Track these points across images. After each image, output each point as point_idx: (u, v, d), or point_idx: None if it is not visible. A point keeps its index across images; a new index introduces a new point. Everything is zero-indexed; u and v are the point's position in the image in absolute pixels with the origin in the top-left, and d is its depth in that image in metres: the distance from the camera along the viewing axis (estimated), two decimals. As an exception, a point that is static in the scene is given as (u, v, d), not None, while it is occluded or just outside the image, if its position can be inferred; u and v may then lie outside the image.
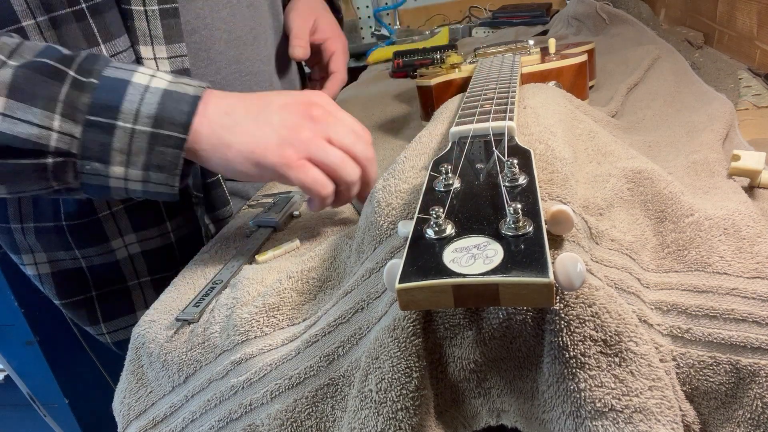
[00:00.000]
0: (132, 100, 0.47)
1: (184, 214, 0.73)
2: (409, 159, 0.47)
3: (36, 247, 0.70)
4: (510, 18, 1.43)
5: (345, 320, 0.42)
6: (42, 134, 0.46)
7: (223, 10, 0.70)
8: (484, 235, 0.30)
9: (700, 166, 0.51)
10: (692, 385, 0.37)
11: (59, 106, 0.46)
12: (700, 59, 0.91)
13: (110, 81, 0.48)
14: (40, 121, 0.46)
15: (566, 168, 0.40)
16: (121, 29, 0.60)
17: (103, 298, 0.73)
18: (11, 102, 0.45)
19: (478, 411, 0.38)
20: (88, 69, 0.48)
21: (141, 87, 0.48)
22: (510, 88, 0.55)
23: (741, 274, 0.38)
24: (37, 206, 0.68)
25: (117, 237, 0.70)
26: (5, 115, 0.45)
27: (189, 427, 0.48)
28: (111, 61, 0.50)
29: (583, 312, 0.33)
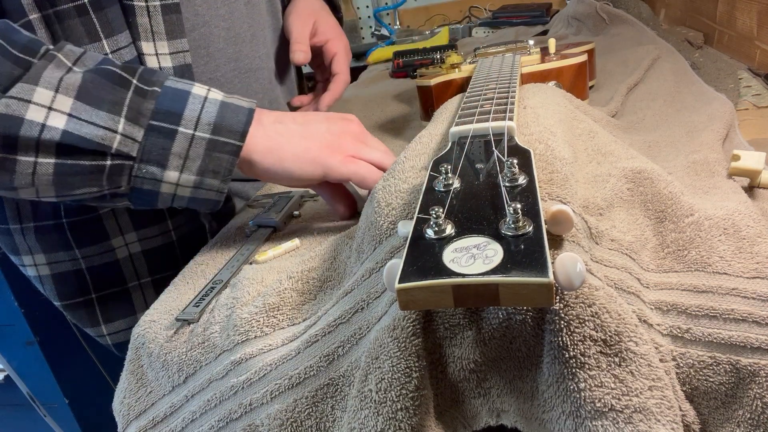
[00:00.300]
0: (193, 108, 0.51)
1: (185, 213, 0.73)
2: (409, 159, 0.47)
3: (36, 248, 0.70)
4: (510, 18, 1.43)
5: (345, 320, 0.42)
6: (106, 135, 0.48)
7: (221, 7, 0.70)
8: (484, 235, 0.30)
9: (700, 166, 0.51)
10: (692, 385, 0.37)
11: (124, 110, 0.49)
12: (700, 59, 0.91)
13: (172, 90, 0.51)
14: (105, 123, 0.48)
15: (566, 168, 0.40)
16: (122, 25, 0.61)
17: (103, 300, 0.73)
18: (78, 104, 0.48)
19: (478, 411, 0.38)
20: (149, 79, 0.51)
21: (200, 97, 0.52)
22: (510, 88, 0.55)
23: (741, 274, 0.38)
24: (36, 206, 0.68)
25: (118, 235, 0.70)
26: (72, 116, 0.47)
27: (189, 427, 0.48)
28: (168, 75, 0.53)
29: (582, 312, 0.33)
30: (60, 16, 0.58)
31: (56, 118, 0.47)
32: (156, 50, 0.63)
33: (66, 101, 0.47)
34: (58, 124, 0.47)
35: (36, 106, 0.47)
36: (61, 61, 0.49)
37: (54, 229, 0.69)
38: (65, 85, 0.48)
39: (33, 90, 0.47)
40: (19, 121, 0.46)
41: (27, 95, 0.46)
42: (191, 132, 0.50)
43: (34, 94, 0.47)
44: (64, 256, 0.70)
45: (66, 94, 0.48)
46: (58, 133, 0.47)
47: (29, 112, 0.47)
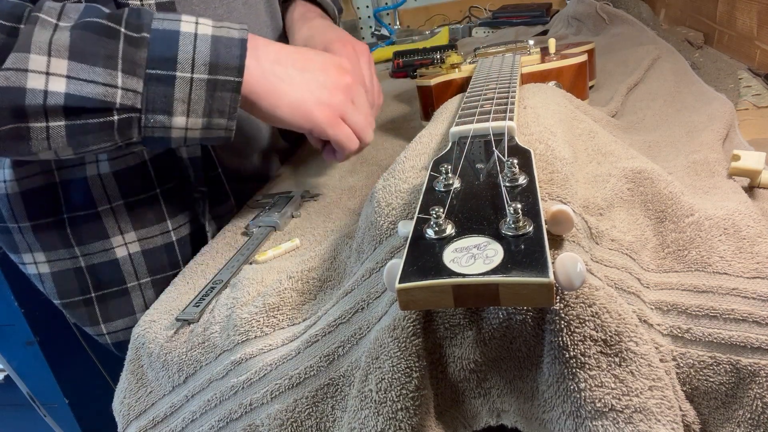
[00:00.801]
0: (185, 50, 0.50)
1: (185, 213, 0.73)
2: (409, 159, 0.47)
3: (35, 246, 0.70)
4: (510, 18, 1.43)
5: (345, 320, 0.42)
6: (108, 92, 0.49)
7: (219, 8, 0.70)
8: (484, 235, 0.30)
9: (700, 166, 0.51)
10: (692, 385, 0.37)
11: (119, 63, 0.49)
12: (700, 59, 0.91)
13: (161, 33, 0.50)
14: (103, 79, 0.48)
15: (566, 168, 0.40)
16: None
17: (103, 299, 0.73)
18: (74, 64, 0.48)
19: (479, 411, 0.38)
20: (136, 24, 0.50)
21: (190, 35, 0.51)
22: (510, 88, 0.55)
23: (741, 274, 0.38)
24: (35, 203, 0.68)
25: (117, 234, 0.70)
26: (70, 77, 0.48)
27: (189, 427, 0.48)
28: (153, 13, 0.52)
29: (583, 312, 0.33)
30: None
31: (56, 82, 0.48)
32: None
33: (61, 63, 0.48)
34: (59, 88, 0.48)
35: (34, 74, 0.47)
36: (44, 20, 0.48)
37: (54, 226, 0.69)
38: (56, 47, 0.48)
39: (27, 58, 0.47)
40: (22, 92, 0.47)
41: (22, 64, 0.47)
42: (189, 75, 0.51)
43: (29, 62, 0.47)
44: (65, 254, 0.70)
45: (59, 56, 0.48)
46: (61, 97, 0.48)
47: (29, 81, 0.47)
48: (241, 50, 0.52)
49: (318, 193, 0.72)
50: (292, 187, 0.75)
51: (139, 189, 0.69)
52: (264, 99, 0.56)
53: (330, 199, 0.70)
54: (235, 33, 0.53)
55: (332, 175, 0.76)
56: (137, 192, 0.69)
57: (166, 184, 0.70)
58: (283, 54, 0.58)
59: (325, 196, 0.71)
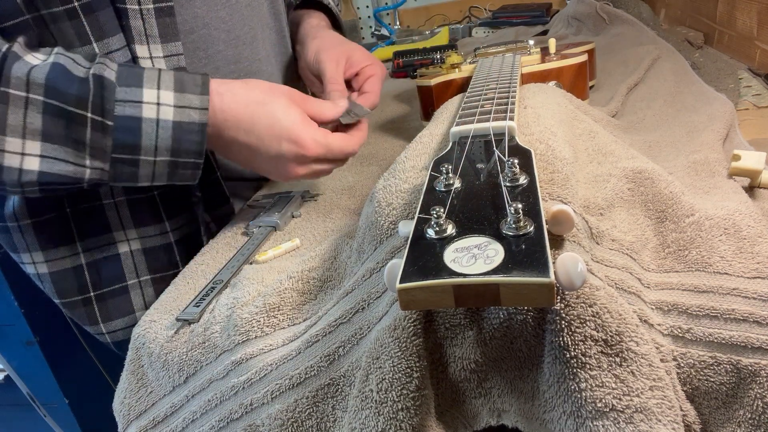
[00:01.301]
0: (148, 137, 0.55)
1: (183, 214, 0.73)
2: (410, 159, 0.47)
3: (34, 245, 0.70)
4: (510, 18, 1.43)
5: (346, 320, 0.42)
6: (77, 170, 0.55)
7: (221, 9, 0.70)
8: (485, 235, 0.30)
9: (701, 166, 0.51)
10: (693, 385, 0.37)
11: (87, 148, 0.54)
12: (700, 59, 0.91)
13: (123, 120, 0.54)
14: (73, 159, 0.54)
15: (567, 168, 0.40)
16: (116, 28, 0.60)
17: (102, 298, 0.73)
18: (46, 145, 0.53)
19: (479, 411, 0.38)
20: (101, 107, 0.54)
21: (152, 122, 0.55)
22: (510, 88, 0.55)
23: (742, 274, 0.38)
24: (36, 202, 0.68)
25: (120, 230, 0.70)
26: (44, 156, 0.53)
27: (189, 427, 0.48)
28: (116, 90, 0.55)
29: (583, 312, 0.33)
30: (53, 18, 0.58)
31: (30, 161, 0.53)
32: (150, 53, 0.63)
33: (35, 145, 0.53)
34: (33, 167, 0.53)
35: (10, 154, 0.53)
36: (15, 97, 0.52)
37: (56, 223, 0.69)
38: (30, 131, 0.53)
39: (3, 140, 0.52)
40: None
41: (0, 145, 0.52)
42: (152, 158, 0.56)
43: (5, 144, 0.52)
44: (65, 252, 0.70)
45: (33, 139, 0.53)
46: (35, 175, 0.54)
47: (6, 160, 0.53)
48: (200, 136, 0.56)
49: (318, 193, 0.72)
50: (292, 187, 0.75)
51: (139, 189, 0.69)
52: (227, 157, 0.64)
53: (330, 199, 0.70)
54: (195, 115, 0.56)
55: (332, 175, 0.76)
56: (137, 191, 0.69)
57: (163, 186, 0.70)
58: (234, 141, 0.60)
59: (325, 196, 0.71)
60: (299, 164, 0.61)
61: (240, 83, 0.61)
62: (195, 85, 0.57)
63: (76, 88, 0.53)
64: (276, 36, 0.81)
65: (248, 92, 0.60)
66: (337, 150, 0.62)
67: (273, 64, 0.80)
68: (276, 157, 0.60)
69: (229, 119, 0.59)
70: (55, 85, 0.53)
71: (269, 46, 0.79)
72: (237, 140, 0.60)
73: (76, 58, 0.56)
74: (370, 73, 0.75)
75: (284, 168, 0.61)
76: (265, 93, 0.60)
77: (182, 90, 0.56)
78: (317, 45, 0.77)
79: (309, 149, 0.59)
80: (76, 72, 0.54)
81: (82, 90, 0.54)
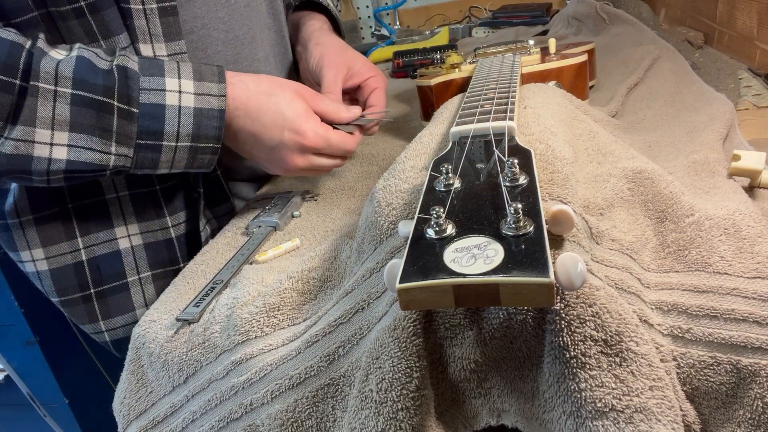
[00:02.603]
0: (171, 123, 0.58)
1: (184, 210, 0.73)
2: (410, 159, 0.47)
3: (34, 242, 0.70)
4: (510, 18, 1.43)
5: (345, 320, 0.42)
6: (103, 157, 0.57)
7: (221, 10, 0.70)
8: (485, 235, 0.30)
9: (701, 166, 0.51)
10: (693, 385, 0.37)
11: (113, 135, 0.56)
12: (700, 59, 0.91)
13: (148, 108, 0.57)
14: (100, 147, 0.56)
15: (567, 168, 0.40)
16: (121, 27, 0.61)
17: (102, 295, 0.73)
18: (74, 134, 0.55)
19: (479, 411, 0.38)
20: (126, 95, 0.56)
21: (175, 108, 0.58)
22: (510, 88, 0.55)
23: (741, 274, 0.38)
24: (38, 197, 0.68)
25: (122, 224, 0.70)
26: (71, 146, 0.55)
27: (189, 427, 0.48)
28: (140, 79, 0.57)
29: (583, 312, 0.33)
30: (62, 16, 0.59)
31: (59, 150, 0.55)
32: (154, 52, 0.63)
33: (63, 135, 0.55)
34: (61, 156, 0.55)
35: (40, 145, 0.55)
36: (44, 90, 0.54)
37: (58, 218, 0.69)
38: (58, 122, 0.55)
39: (33, 132, 0.54)
40: (29, 159, 0.55)
41: (30, 136, 0.54)
42: (174, 144, 0.58)
43: (35, 135, 0.54)
44: (65, 248, 0.70)
45: (61, 129, 0.55)
46: (63, 164, 0.56)
47: (35, 151, 0.55)
48: (219, 122, 0.59)
49: (318, 193, 0.72)
50: (292, 187, 0.75)
51: (141, 183, 0.69)
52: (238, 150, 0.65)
53: (330, 199, 0.70)
54: (215, 102, 0.59)
55: (332, 175, 0.76)
56: (140, 185, 0.69)
57: (165, 182, 0.70)
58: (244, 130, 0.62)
59: (325, 196, 0.71)
60: (299, 154, 0.62)
61: (251, 76, 0.63)
62: (212, 74, 0.60)
63: (102, 78, 0.55)
64: (275, 36, 0.81)
65: (258, 84, 0.62)
66: (336, 145, 0.64)
67: (272, 64, 0.80)
68: (277, 145, 0.62)
69: (239, 107, 0.61)
70: (82, 77, 0.55)
71: (268, 47, 0.79)
72: (244, 128, 0.62)
73: (98, 52, 0.58)
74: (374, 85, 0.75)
75: (283, 157, 0.63)
76: (272, 85, 0.63)
77: (201, 79, 0.59)
78: (320, 52, 0.77)
79: (309, 139, 0.62)
80: (100, 64, 0.56)
81: (107, 80, 0.56)
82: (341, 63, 0.74)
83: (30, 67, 0.53)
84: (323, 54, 0.76)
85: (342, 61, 0.74)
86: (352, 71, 0.75)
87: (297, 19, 0.87)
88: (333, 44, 0.78)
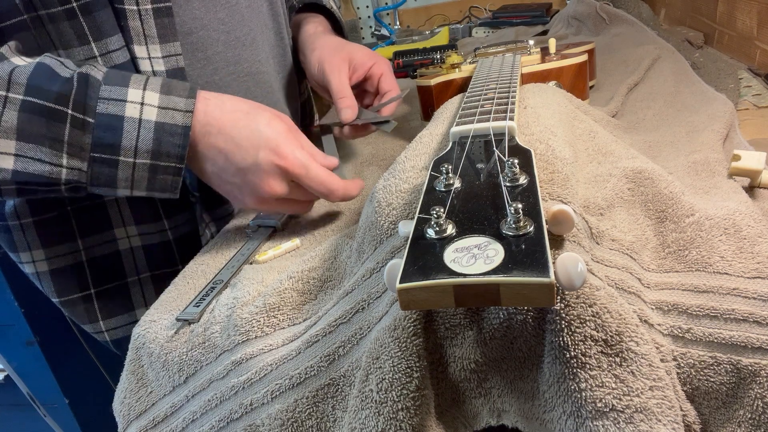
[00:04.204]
0: (129, 137, 0.53)
1: (182, 213, 0.73)
2: (410, 159, 0.47)
3: (34, 243, 0.70)
4: (510, 18, 1.43)
5: (345, 320, 0.42)
6: (53, 170, 0.53)
7: (220, 11, 0.70)
8: (485, 234, 0.30)
9: (701, 166, 0.51)
10: (693, 385, 0.37)
11: (65, 146, 0.53)
12: (700, 59, 0.91)
13: (105, 119, 0.53)
14: (49, 159, 0.53)
15: (567, 168, 0.40)
16: (114, 28, 0.60)
17: (102, 295, 0.73)
18: (21, 144, 0.52)
19: (479, 411, 0.38)
20: (83, 104, 0.53)
21: (134, 121, 0.53)
22: (510, 88, 0.55)
23: (742, 274, 0.38)
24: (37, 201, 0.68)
25: (121, 226, 0.70)
26: (18, 155, 0.52)
27: (189, 427, 0.48)
28: (101, 88, 0.53)
29: (583, 312, 0.33)
30: (52, 18, 0.58)
31: (5, 159, 0.52)
32: (149, 54, 0.62)
33: (9, 144, 0.52)
34: (7, 165, 0.52)
35: None
36: None
37: (57, 220, 0.69)
38: (5, 128, 0.51)
39: None
40: None
41: None
42: (132, 160, 0.54)
43: None
44: (65, 249, 0.70)
45: (8, 137, 0.52)
46: (9, 173, 0.52)
47: None
48: (183, 140, 0.54)
49: (318, 193, 0.72)
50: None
51: None
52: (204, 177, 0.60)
53: (330, 199, 0.70)
54: (179, 117, 0.54)
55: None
56: None
57: None
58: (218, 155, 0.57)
59: (326, 196, 0.71)
60: (275, 178, 0.56)
61: (231, 96, 0.59)
62: (183, 89, 0.56)
63: (59, 85, 0.52)
64: (275, 37, 0.81)
65: (235, 103, 0.58)
66: (316, 177, 0.57)
67: (272, 65, 0.80)
68: (250, 167, 0.56)
69: (212, 123, 0.56)
70: (36, 83, 0.52)
71: (268, 48, 0.79)
72: (215, 147, 0.56)
73: (65, 62, 0.55)
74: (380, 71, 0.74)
75: (257, 181, 0.56)
76: (252, 106, 0.58)
77: (168, 92, 0.55)
78: (318, 56, 0.75)
79: (288, 162, 0.55)
80: (63, 72, 0.54)
81: (64, 87, 0.53)
82: (341, 61, 0.73)
83: None
84: (321, 58, 0.74)
85: (341, 59, 0.73)
86: (354, 64, 0.73)
87: (297, 23, 0.86)
88: (328, 45, 0.77)
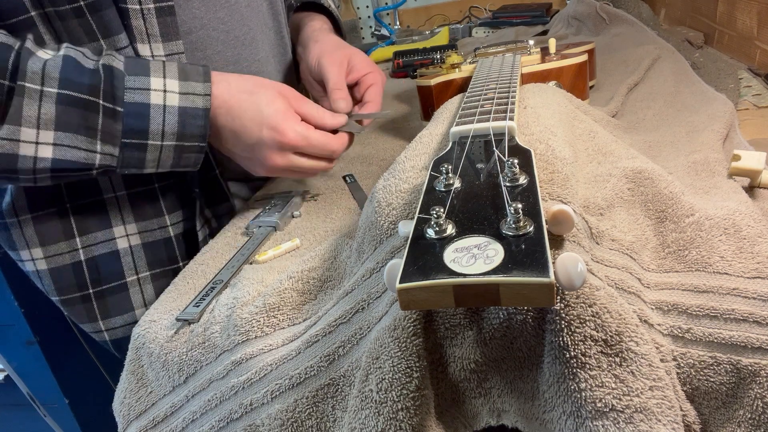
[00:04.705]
0: (156, 122, 0.58)
1: (183, 209, 0.73)
2: (410, 159, 0.47)
3: (33, 241, 0.70)
4: (510, 18, 1.43)
5: (345, 320, 0.42)
6: (88, 156, 0.57)
7: (220, 10, 0.70)
8: (485, 234, 0.30)
9: (701, 166, 0.51)
10: (693, 385, 0.37)
11: (98, 134, 0.57)
12: (700, 59, 0.91)
13: (133, 107, 0.57)
14: (85, 146, 0.57)
15: (567, 168, 0.40)
16: (120, 27, 0.61)
17: (101, 295, 0.73)
18: (59, 133, 0.56)
19: (479, 411, 0.38)
20: (112, 94, 0.57)
21: (160, 108, 0.58)
22: (510, 88, 0.55)
23: (742, 274, 0.38)
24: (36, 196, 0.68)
25: (120, 224, 0.70)
26: (56, 144, 0.56)
27: (189, 427, 0.48)
28: (125, 79, 0.57)
29: (583, 312, 0.33)
30: (61, 16, 0.59)
31: (44, 149, 0.56)
32: (151, 52, 0.63)
33: (48, 134, 0.56)
34: (47, 154, 0.56)
35: (25, 144, 0.55)
36: (30, 90, 0.54)
37: (56, 217, 0.69)
38: (44, 121, 0.55)
39: (19, 130, 0.54)
40: (14, 158, 0.55)
41: (15, 135, 0.55)
42: (159, 143, 0.59)
43: (20, 134, 0.55)
44: (64, 248, 0.70)
45: (47, 128, 0.55)
46: (48, 162, 0.56)
47: (21, 149, 0.55)
48: (204, 120, 0.60)
49: (318, 193, 0.72)
50: (292, 187, 0.75)
51: (139, 181, 0.69)
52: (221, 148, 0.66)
53: (330, 199, 0.70)
54: (200, 101, 0.59)
55: (332, 175, 0.76)
56: (137, 184, 0.69)
57: (163, 180, 0.70)
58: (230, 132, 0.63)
59: (325, 196, 0.71)
60: (278, 152, 0.62)
61: (235, 75, 0.63)
62: (198, 74, 0.60)
63: (88, 77, 0.56)
64: (275, 37, 0.81)
65: (240, 83, 0.63)
66: (317, 144, 0.63)
67: (272, 64, 0.80)
68: (256, 143, 0.62)
69: (221, 105, 0.61)
70: (68, 76, 0.55)
71: (268, 47, 0.79)
72: (226, 126, 0.62)
73: (85, 52, 0.58)
74: (371, 81, 0.74)
75: (263, 155, 0.63)
76: (255, 85, 0.63)
77: (186, 78, 0.59)
78: (319, 49, 0.77)
79: (287, 137, 0.61)
80: (87, 64, 0.57)
81: (93, 79, 0.56)
82: (342, 57, 0.74)
83: (18, 67, 0.54)
84: (323, 51, 0.76)
85: (342, 56, 0.74)
86: (352, 66, 0.74)
87: (298, 21, 0.87)
88: (331, 41, 0.78)
